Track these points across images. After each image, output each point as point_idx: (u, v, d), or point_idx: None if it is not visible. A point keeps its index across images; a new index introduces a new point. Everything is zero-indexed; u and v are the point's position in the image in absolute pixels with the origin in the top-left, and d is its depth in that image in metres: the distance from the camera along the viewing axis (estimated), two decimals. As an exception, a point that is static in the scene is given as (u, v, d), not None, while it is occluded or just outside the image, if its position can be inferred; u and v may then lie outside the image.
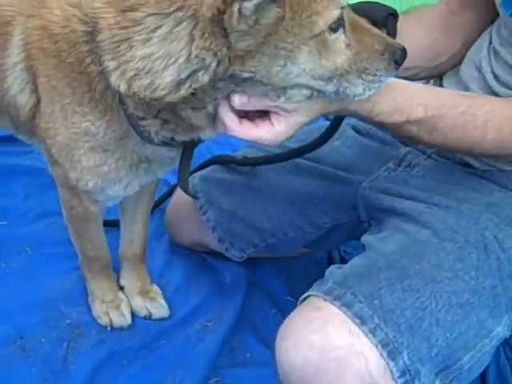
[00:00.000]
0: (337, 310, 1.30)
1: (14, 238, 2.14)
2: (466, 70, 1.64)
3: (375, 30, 1.29)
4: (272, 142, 1.30)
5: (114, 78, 1.22)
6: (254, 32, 1.13)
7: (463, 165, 1.62)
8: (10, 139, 2.25)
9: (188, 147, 1.44)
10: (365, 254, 1.47)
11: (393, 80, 1.41)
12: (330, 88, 1.24)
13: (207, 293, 2.11)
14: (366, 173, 1.76)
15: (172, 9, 1.14)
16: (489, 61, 1.58)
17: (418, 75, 1.73)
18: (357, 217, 1.78)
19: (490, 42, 1.60)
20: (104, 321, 1.94)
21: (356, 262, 1.45)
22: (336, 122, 1.61)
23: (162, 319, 2.00)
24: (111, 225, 2.06)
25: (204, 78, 1.17)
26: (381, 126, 1.41)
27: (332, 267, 1.45)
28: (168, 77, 1.17)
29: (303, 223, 1.89)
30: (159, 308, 2.00)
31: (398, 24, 1.57)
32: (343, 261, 2.20)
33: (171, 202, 2.20)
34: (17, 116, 1.57)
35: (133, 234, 1.95)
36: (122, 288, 2.02)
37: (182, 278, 2.15)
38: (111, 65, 1.22)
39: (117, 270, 2.02)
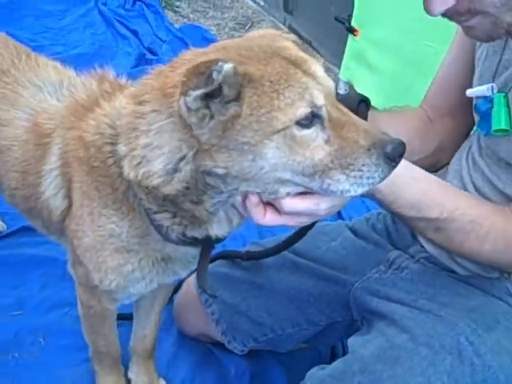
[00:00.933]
0: None
1: (29, 328, 2.23)
2: (452, 180, 1.73)
3: (365, 126, 1.25)
4: (296, 227, 1.40)
5: (125, 166, 1.32)
6: (209, 126, 1.20)
7: (449, 271, 1.70)
8: (27, 229, 2.38)
9: (206, 246, 1.50)
10: (345, 357, 1.54)
11: (419, 173, 1.47)
12: (315, 185, 1.23)
13: (212, 386, 2.17)
14: (358, 274, 1.85)
15: (169, 106, 1.25)
16: (468, 170, 1.68)
17: None
18: (351, 316, 1.86)
19: (470, 148, 1.70)
20: (110, 414, 2.01)
21: (336, 364, 1.52)
22: None
23: (167, 412, 2.06)
24: (124, 318, 2.13)
25: (186, 167, 1.25)
26: (395, 214, 1.49)
27: (314, 369, 1.53)
28: (160, 164, 1.26)
29: (301, 320, 1.96)
30: (164, 402, 2.06)
31: (378, 118, 1.68)
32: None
33: (179, 293, 2.28)
34: (49, 217, 1.67)
35: (145, 330, 2.02)
36: (129, 381, 2.09)
37: (188, 370, 2.22)
38: (123, 150, 1.32)
39: (125, 363, 2.09)
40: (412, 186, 1.43)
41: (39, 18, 4.40)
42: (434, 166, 1.87)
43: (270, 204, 1.30)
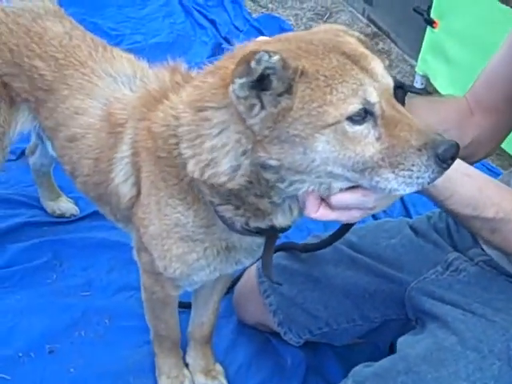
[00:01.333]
0: None
1: (96, 308, 2.32)
2: None
3: (418, 126, 1.23)
4: (349, 221, 1.38)
5: (190, 166, 1.36)
6: (260, 117, 1.23)
7: (508, 275, 1.66)
8: (98, 214, 2.47)
9: (270, 236, 1.52)
10: (392, 356, 1.54)
11: (472, 170, 1.46)
12: (364, 182, 1.24)
13: (268, 374, 2.20)
14: (415, 273, 1.84)
15: (225, 97, 1.28)
16: None
17: None
18: (405, 315, 1.85)
19: None
20: (168, 395, 2.08)
21: (382, 363, 1.52)
22: None
23: (221, 397, 2.11)
24: (184, 306, 2.18)
25: (246, 161, 1.29)
26: (450, 212, 1.47)
27: (360, 366, 1.53)
28: (227, 164, 1.31)
29: (355, 315, 1.97)
30: (220, 387, 2.12)
31: (417, 105, 1.67)
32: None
33: (239, 283, 2.33)
34: (117, 204, 1.75)
35: (203, 317, 2.08)
36: (187, 365, 2.15)
37: (245, 357, 2.26)
38: (187, 153, 1.37)
39: (184, 347, 2.16)
40: (467, 182, 1.41)
41: (121, 8, 4.52)
42: (468, 158, 1.83)
43: (324, 201, 1.31)
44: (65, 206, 2.71)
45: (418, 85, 4.06)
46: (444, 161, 1.21)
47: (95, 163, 1.76)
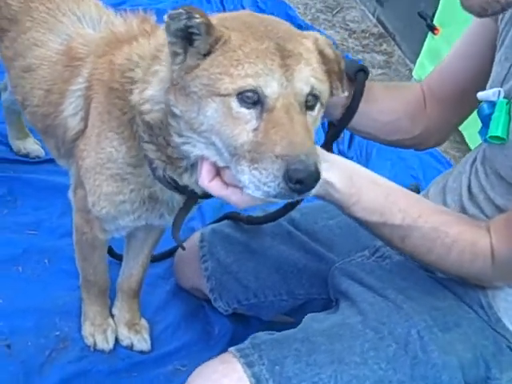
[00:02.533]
0: (239, 367, 1.41)
1: (38, 248, 2.36)
2: (452, 183, 1.70)
3: (296, 138, 1.21)
4: (238, 206, 1.38)
5: (135, 91, 1.45)
6: (180, 65, 1.30)
7: (428, 270, 1.67)
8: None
9: (189, 198, 1.59)
10: (296, 328, 1.55)
11: (380, 179, 1.48)
12: (232, 167, 1.26)
13: (192, 338, 2.23)
14: (343, 255, 1.86)
15: None
16: (468, 175, 1.64)
17: (367, 138, 1.87)
18: (328, 295, 1.86)
19: (476, 155, 1.66)
20: (89, 341, 2.11)
21: (284, 332, 1.53)
22: None
23: (142, 352, 2.14)
24: (120, 259, 2.22)
25: (161, 99, 1.37)
26: (358, 221, 1.49)
27: (262, 332, 1.54)
28: (150, 91, 1.40)
29: (282, 290, 2.00)
30: (141, 341, 2.15)
31: (375, 88, 1.72)
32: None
33: (182, 246, 2.34)
34: (63, 137, 1.78)
35: (132, 269, 2.11)
36: (113, 316, 2.18)
37: (174, 319, 2.29)
38: (138, 75, 1.46)
39: (113, 298, 2.19)
40: (373, 189, 1.44)
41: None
42: (416, 146, 1.89)
43: (220, 176, 1.35)
44: (31, 146, 2.74)
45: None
46: (290, 179, 1.18)
47: (46, 94, 1.79)
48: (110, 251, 2.24)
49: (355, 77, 1.67)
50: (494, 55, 1.59)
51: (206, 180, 1.34)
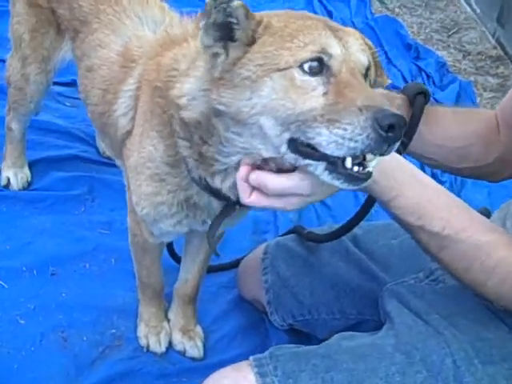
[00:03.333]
0: (251, 376, 1.36)
1: (107, 247, 2.41)
2: None
3: (371, 92, 1.19)
4: (285, 210, 1.32)
5: (176, 85, 1.40)
6: (223, 64, 1.24)
7: (486, 299, 1.52)
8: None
9: (227, 204, 1.52)
10: (322, 343, 1.47)
11: (427, 178, 1.38)
12: (285, 136, 1.19)
13: (247, 350, 2.15)
14: (397, 276, 1.74)
15: None
16: None
17: (434, 167, 1.77)
18: (379, 316, 1.74)
19: None
20: (143, 342, 2.12)
21: (310, 346, 1.46)
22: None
23: (194, 359, 2.11)
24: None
25: (201, 98, 1.31)
26: (395, 219, 1.39)
27: (288, 345, 1.48)
28: (188, 85, 1.35)
29: (335, 308, 1.92)
30: (193, 348, 2.12)
31: (441, 113, 1.61)
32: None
33: (246, 257, 2.31)
34: (115, 136, 1.81)
35: (188, 274, 2.09)
36: (169, 320, 2.18)
37: (232, 329, 2.24)
38: (182, 68, 1.42)
39: (170, 302, 2.19)
40: (416, 188, 1.33)
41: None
42: (492, 177, 1.68)
43: (258, 189, 1.29)
44: (116, 149, 2.81)
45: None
46: (382, 127, 1.10)
47: (103, 93, 1.83)
48: (173, 254, 2.25)
49: (414, 99, 1.57)
50: None
51: (245, 198, 1.29)
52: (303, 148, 1.19)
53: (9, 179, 2.54)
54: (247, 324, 2.27)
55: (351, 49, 1.23)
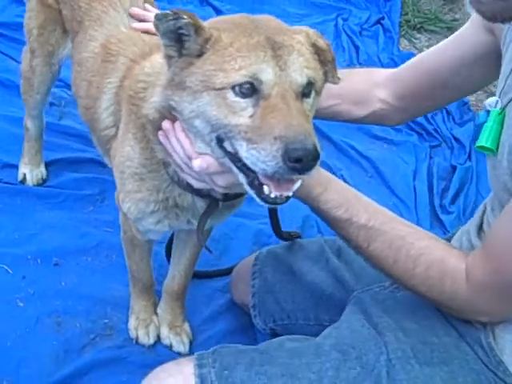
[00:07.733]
0: (187, 368, 1.44)
1: (110, 244, 2.51)
2: (469, 223, 1.67)
3: (293, 121, 1.24)
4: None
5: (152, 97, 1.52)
6: (175, 65, 1.36)
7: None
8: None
9: (211, 202, 1.62)
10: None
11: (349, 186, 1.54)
12: (214, 134, 1.33)
13: (233, 351, 2.23)
14: (367, 284, 1.80)
15: None
16: (481, 214, 1.61)
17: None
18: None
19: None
20: (133, 334, 2.22)
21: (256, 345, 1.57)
22: None
23: (180, 354, 2.19)
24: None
25: (162, 94, 1.44)
26: (324, 217, 1.49)
27: (238, 344, 1.59)
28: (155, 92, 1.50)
29: (311, 314, 1.99)
30: (179, 343, 2.21)
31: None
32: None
33: (240, 262, 2.39)
34: (100, 131, 1.86)
35: (175, 271, 2.17)
36: (158, 315, 2.27)
37: (221, 331, 2.33)
38: (151, 80, 1.55)
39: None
40: (342, 184, 1.48)
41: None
42: (371, 123, 2.08)
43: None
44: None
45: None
46: (289, 159, 1.20)
47: (88, 86, 1.91)
48: (170, 254, 2.34)
49: None
50: (472, 63, 1.66)
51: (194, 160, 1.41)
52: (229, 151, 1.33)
53: (25, 175, 2.69)
54: (236, 327, 2.35)
55: (289, 69, 1.31)
